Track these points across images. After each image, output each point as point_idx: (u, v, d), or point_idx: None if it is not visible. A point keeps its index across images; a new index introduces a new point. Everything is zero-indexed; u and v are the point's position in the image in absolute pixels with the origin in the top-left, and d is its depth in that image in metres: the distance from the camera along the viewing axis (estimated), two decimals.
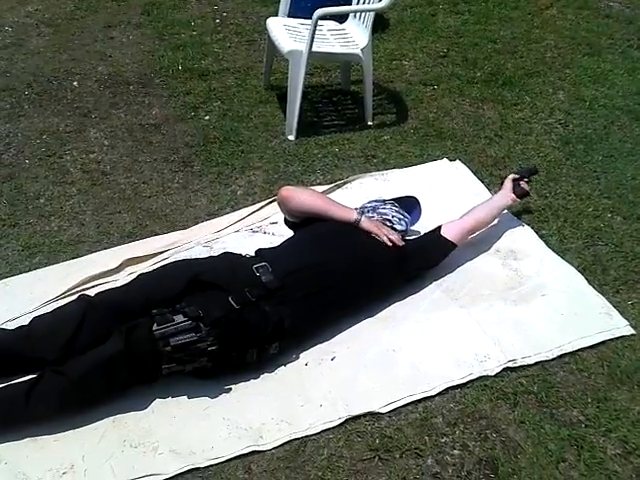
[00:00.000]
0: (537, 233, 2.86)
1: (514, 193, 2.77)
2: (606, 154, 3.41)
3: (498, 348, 2.30)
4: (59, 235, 2.77)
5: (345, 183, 3.09)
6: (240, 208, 2.95)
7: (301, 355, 2.26)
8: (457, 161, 3.30)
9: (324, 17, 3.20)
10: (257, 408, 2.07)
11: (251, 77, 3.93)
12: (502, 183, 2.83)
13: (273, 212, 2.88)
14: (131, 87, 3.81)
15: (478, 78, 4.04)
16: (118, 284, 2.41)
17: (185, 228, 2.83)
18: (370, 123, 3.56)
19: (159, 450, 1.95)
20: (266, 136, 3.44)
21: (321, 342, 2.30)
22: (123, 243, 2.75)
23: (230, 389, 2.13)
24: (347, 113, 3.71)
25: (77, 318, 2.09)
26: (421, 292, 2.53)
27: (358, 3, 3.48)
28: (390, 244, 2.43)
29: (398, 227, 2.56)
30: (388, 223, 2.55)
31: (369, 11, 3.31)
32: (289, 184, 2.78)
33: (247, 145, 3.36)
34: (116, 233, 2.80)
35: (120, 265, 2.59)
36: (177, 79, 3.88)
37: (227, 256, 2.38)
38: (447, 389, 2.16)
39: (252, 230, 2.81)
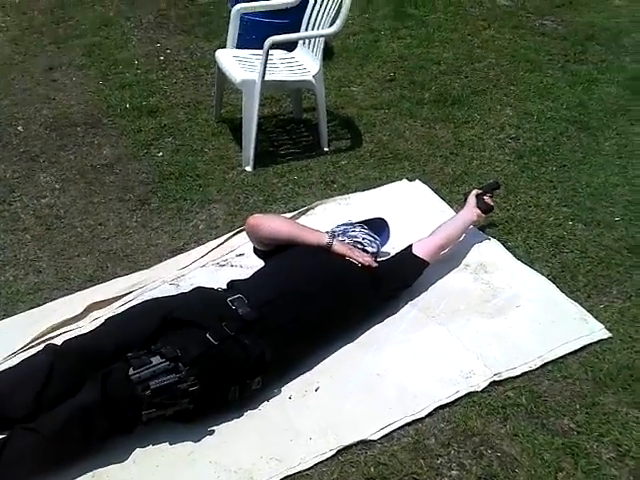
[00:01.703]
0: (504, 245, 2.88)
1: (479, 208, 2.78)
2: (559, 164, 3.47)
3: (482, 362, 2.27)
4: (15, 285, 2.63)
5: (308, 210, 3.06)
6: (204, 243, 2.87)
7: (283, 388, 2.18)
8: (417, 181, 3.30)
9: (274, 46, 3.18)
10: (245, 448, 1.98)
11: (201, 111, 3.88)
12: (465, 199, 2.84)
13: (239, 244, 2.82)
14: (79, 128, 3.71)
15: (427, 99, 4.09)
16: (85, 330, 2.29)
17: (148, 267, 2.74)
18: (326, 149, 3.55)
19: None
20: (223, 168, 3.38)
21: (303, 372, 2.23)
22: (85, 288, 2.63)
23: (214, 431, 2.04)
24: (302, 141, 3.69)
25: (44, 370, 1.97)
26: (398, 313, 2.49)
27: (307, 30, 3.48)
28: (364, 265, 2.39)
29: (369, 249, 2.53)
30: (359, 246, 2.52)
31: (320, 37, 3.32)
32: (254, 213, 2.72)
33: (204, 179, 3.30)
34: (76, 278, 2.68)
35: (84, 310, 2.47)
36: (126, 118, 3.80)
37: (199, 291, 2.30)
38: (436, 409, 2.12)
39: (219, 264, 2.74)
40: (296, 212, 3.03)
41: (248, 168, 3.35)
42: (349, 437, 2.01)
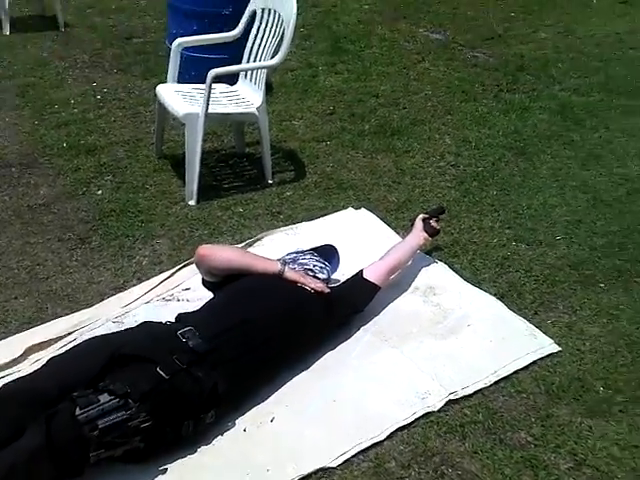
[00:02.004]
0: (451, 268, 2.91)
1: (425, 232, 2.81)
2: (499, 188, 3.55)
3: (437, 383, 2.27)
4: None
5: (256, 241, 3.03)
6: (148, 278, 2.80)
7: (238, 421, 2.12)
8: (362, 209, 3.32)
9: (216, 80, 3.17)
10: None
11: (142, 148, 3.83)
12: (412, 224, 2.87)
13: (185, 278, 2.76)
14: (13, 169, 3.60)
15: (367, 131, 4.14)
16: (24, 373, 2.18)
17: (90, 306, 2.64)
18: (270, 181, 3.54)
19: None
20: (165, 204, 3.33)
21: (258, 403, 2.18)
22: (23, 330, 2.51)
23: (167, 469, 1.95)
24: (246, 174, 3.68)
25: None
26: (352, 338, 2.47)
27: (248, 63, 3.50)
28: (317, 292, 2.37)
29: (320, 275, 2.52)
30: (310, 272, 2.50)
31: (263, 68, 3.33)
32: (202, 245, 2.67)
33: (147, 215, 3.23)
34: (14, 320, 2.57)
35: (24, 353, 2.36)
36: (63, 157, 3.71)
37: (147, 325, 2.22)
38: (394, 431, 2.09)
39: (164, 299, 2.67)
40: (243, 244, 2.99)
41: (192, 202, 3.31)
42: (308, 466, 1.96)
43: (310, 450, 2.02)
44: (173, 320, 2.26)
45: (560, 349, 2.45)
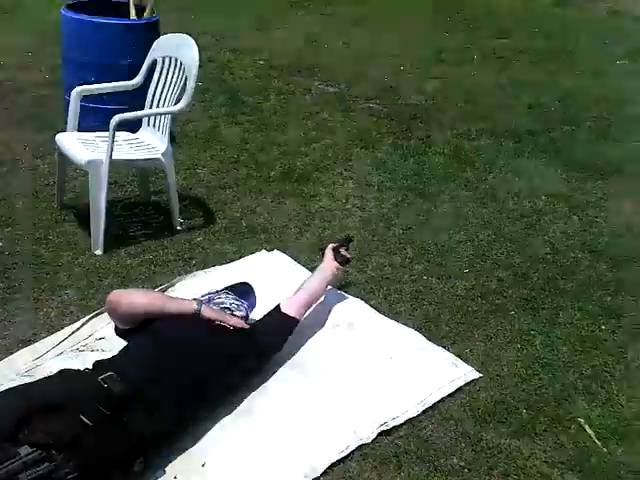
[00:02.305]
0: (367, 303, 2.95)
1: (337, 261, 2.84)
2: (405, 227, 3.67)
3: (366, 415, 2.26)
4: None
5: (169, 286, 2.95)
6: (57, 330, 2.65)
7: (167, 468, 2.02)
8: (275, 251, 3.33)
9: (119, 126, 3.12)
10: None
11: (41, 200, 3.67)
12: (323, 254, 2.90)
13: (97, 327, 2.65)
14: None
15: (273, 177, 4.18)
16: None
17: None
18: (179, 228, 3.47)
19: None
20: (71, 254, 3.18)
21: (187, 447, 2.09)
22: None
23: None
24: (153, 222, 3.59)
25: None
26: (276, 377, 2.44)
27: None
28: (237, 328, 2.33)
29: (238, 313, 2.47)
30: (227, 311, 2.45)
31: (168, 113, 3.30)
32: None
33: (51, 266, 3.08)
34: None
35: None
36: None
37: (65, 373, 2.08)
38: (330, 467, 2.06)
39: (78, 350, 2.53)
40: (156, 290, 2.90)
41: (98, 252, 3.19)
42: None
43: None
44: (91, 367, 2.14)
45: (481, 375, 2.52)
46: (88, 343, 2.57)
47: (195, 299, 2.44)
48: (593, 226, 3.77)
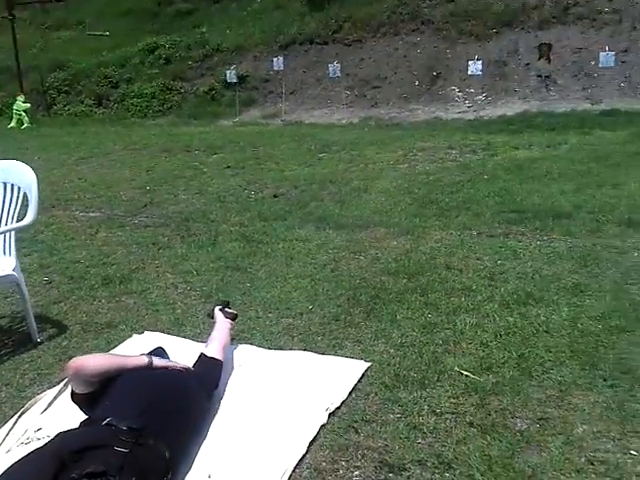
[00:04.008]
0: (253, 345, 3.37)
1: (228, 318, 3.27)
2: (239, 293, 4.13)
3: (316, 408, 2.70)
4: None
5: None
6: None
7: None
8: (145, 332, 3.57)
9: None
10: None
11: None
12: (212, 316, 3.31)
13: (28, 424, 2.66)
14: None
15: (94, 285, 4.37)
16: None
17: None
18: (39, 340, 3.52)
19: None
20: None
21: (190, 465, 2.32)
22: None
23: None
24: (8, 342, 3.57)
25: None
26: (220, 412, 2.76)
27: None
28: (185, 370, 2.64)
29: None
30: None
31: (16, 229, 3.41)
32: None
33: None
34: None
35: None
36: None
37: (66, 432, 2.19)
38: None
39: (24, 443, 2.53)
40: (60, 386, 2.96)
41: None
42: None
43: None
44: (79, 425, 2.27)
45: (369, 364, 3.11)
46: (30, 435, 2.58)
47: (142, 354, 2.66)
48: None
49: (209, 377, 2.79)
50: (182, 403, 2.43)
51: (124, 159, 9.56)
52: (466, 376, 2.98)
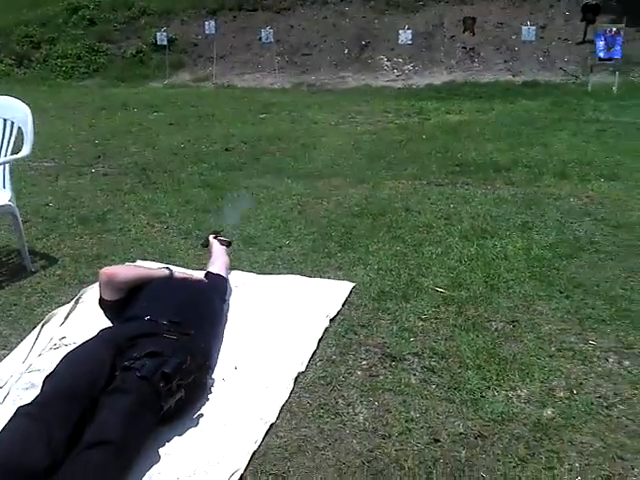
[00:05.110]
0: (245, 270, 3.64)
1: (223, 245, 3.52)
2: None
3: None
4: None
5: (78, 299, 3.18)
6: None
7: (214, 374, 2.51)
8: (137, 260, 3.77)
9: None
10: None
11: None
12: (207, 245, 3.55)
13: (51, 334, 2.85)
14: None
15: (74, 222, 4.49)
16: None
17: None
18: (33, 270, 3.65)
19: None
20: None
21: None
22: None
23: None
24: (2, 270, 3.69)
25: (33, 434, 1.89)
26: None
27: None
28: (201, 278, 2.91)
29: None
30: None
31: (14, 160, 3.51)
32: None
33: None
34: None
35: None
36: None
37: (113, 326, 2.46)
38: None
39: (52, 349, 2.73)
40: (71, 304, 3.13)
41: None
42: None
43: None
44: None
45: (355, 284, 3.45)
46: (56, 343, 2.77)
47: (160, 267, 2.89)
48: None
49: (220, 287, 3.05)
50: (206, 304, 2.69)
51: (63, 116, 9.40)
52: (441, 292, 3.37)
